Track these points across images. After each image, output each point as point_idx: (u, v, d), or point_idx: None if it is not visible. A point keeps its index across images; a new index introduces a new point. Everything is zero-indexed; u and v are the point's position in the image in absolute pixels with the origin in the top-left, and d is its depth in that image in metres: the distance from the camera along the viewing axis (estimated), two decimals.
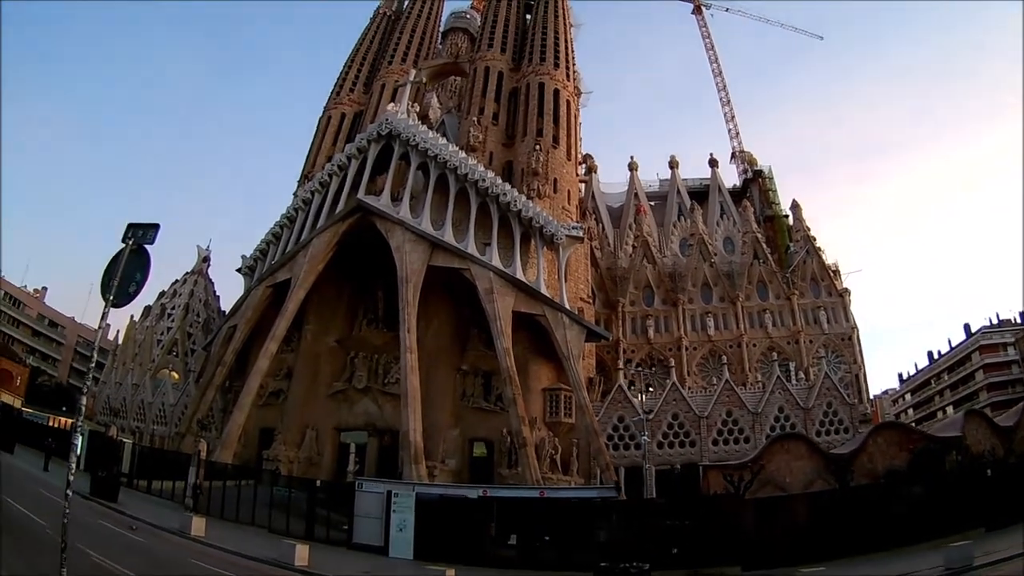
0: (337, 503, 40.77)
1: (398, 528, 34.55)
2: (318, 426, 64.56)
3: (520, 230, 63.12)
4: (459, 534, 34.47)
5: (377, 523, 35.53)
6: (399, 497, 35.19)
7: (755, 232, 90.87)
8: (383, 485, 37.88)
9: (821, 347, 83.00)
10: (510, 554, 33.96)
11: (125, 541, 27.10)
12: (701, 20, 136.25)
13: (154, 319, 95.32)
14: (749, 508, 33.29)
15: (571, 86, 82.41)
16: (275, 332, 62.92)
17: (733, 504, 33.70)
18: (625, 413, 63.54)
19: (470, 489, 39.84)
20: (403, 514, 34.70)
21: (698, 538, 32.32)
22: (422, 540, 33.95)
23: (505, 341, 57.00)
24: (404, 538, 34.29)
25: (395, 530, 34.58)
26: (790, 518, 32.92)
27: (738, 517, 32.57)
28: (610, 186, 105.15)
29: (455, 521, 34.89)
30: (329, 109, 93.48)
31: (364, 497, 36.85)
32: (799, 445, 46.80)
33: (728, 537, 31.56)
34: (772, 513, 33.47)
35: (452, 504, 35.93)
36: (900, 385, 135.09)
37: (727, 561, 29.92)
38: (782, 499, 37.42)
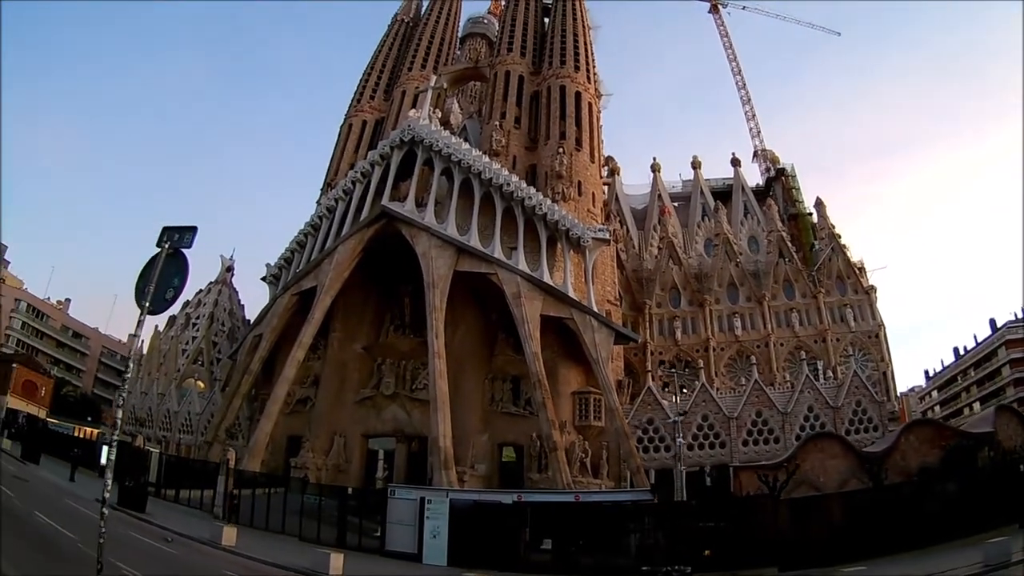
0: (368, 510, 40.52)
1: (432, 535, 34.27)
2: (346, 433, 64.46)
3: (546, 233, 62.67)
4: (493, 540, 34.14)
5: (410, 530, 35.26)
6: (433, 503, 34.92)
7: (780, 231, 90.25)
8: (416, 491, 37.53)
9: (848, 345, 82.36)
10: (545, 559, 33.56)
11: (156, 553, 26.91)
12: (718, 19, 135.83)
13: (179, 329, 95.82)
14: (784, 508, 32.69)
15: (592, 88, 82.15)
16: (302, 339, 62.83)
17: (768, 504, 32.99)
18: (655, 415, 63.22)
19: (504, 494, 39.53)
20: (437, 520, 34.42)
21: (734, 539, 32.10)
22: (456, 546, 33.66)
23: (534, 345, 56.63)
24: (438, 545, 34.00)
25: (429, 537, 34.30)
26: (825, 518, 32.62)
27: (774, 517, 32.13)
28: (632, 188, 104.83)
29: (489, 527, 34.53)
30: (350, 117, 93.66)
31: (397, 504, 36.60)
32: (833, 444, 46.43)
33: (764, 538, 31.34)
34: (807, 513, 33.22)
35: (486, 510, 35.56)
36: (926, 382, 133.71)
37: (764, 562, 29.63)
38: (817, 498, 37.05)
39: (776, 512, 32.46)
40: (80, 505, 33.29)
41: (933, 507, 30.94)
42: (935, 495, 32.30)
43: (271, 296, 75.07)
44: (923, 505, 31.26)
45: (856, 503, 33.79)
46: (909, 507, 31.17)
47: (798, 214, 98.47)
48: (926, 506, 31.12)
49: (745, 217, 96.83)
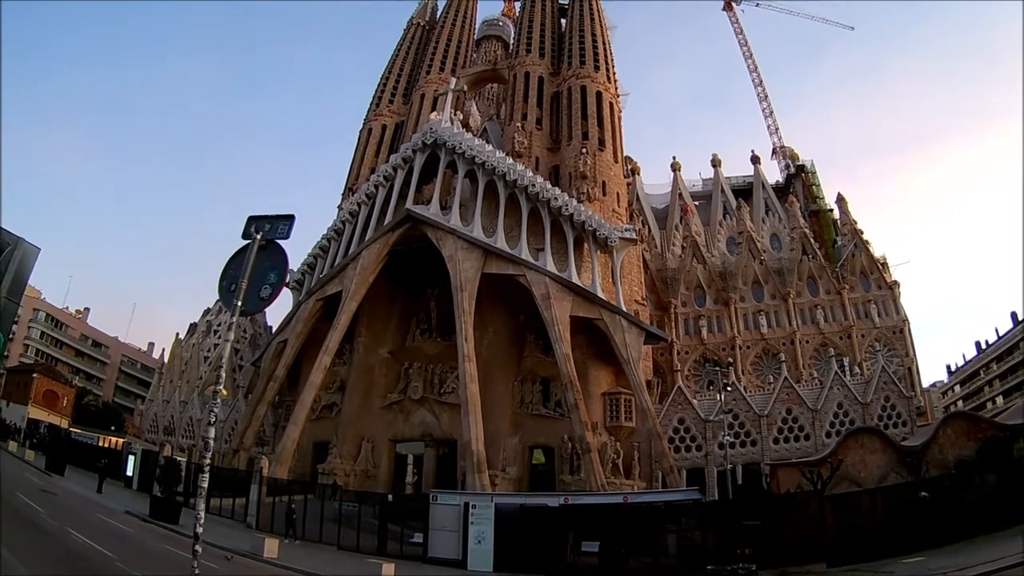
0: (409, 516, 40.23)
1: (476, 540, 33.94)
2: (374, 438, 64.24)
3: (573, 234, 62.41)
4: (539, 544, 33.79)
5: (454, 536, 34.95)
6: (477, 508, 34.59)
7: (803, 228, 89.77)
8: (459, 497, 37.32)
9: (873, 341, 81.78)
10: (592, 562, 33.26)
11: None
12: (732, 16, 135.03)
13: (200, 336, 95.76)
14: (828, 504, 32.78)
15: (612, 88, 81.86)
16: (328, 345, 62.63)
17: (813, 501, 33.11)
18: (685, 415, 62.78)
19: (551, 497, 39.22)
20: (482, 526, 34.09)
21: (781, 536, 31.98)
22: (501, 551, 33.36)
23: (564, 347, 56.34)
24: (483, 550, 33.67)
25: (473, 542, 33.97)
26: (869, 513, 32.52)
27: (819, 514, 32.27)
28: (653, 187, 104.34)
29: (534, 531, 34.18)
30: (369, 121, 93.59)
31: (439, 510, 36.29)
32: (873, 439, 46.03)
33: (810, 534, 31.46)
34: (852, 508, 33.24)
35: (532, 514, 35.19)
36: (948, 377, 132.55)
37: (811, 558, 29.60)
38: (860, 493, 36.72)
39: (821, 508, 32.52)
40: (112, 519, 32.90)
41: (972, 499, 30.96)
42: (974, 487, 32.26)
43: (294, 302, 74.86)
44: (963, 498, 31.23)
45: (899, 497, 33.71)
46: (949, 500, 31.09)
47: (819, 210, 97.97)
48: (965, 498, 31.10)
49: (766, 214, 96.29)
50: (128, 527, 31.20)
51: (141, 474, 54.40)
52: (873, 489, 37.94)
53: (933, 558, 26.85)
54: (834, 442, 58.53)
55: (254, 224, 9.80)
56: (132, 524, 32.70)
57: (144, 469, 54.64)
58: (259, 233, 9.56)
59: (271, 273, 9.42)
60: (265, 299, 9.48)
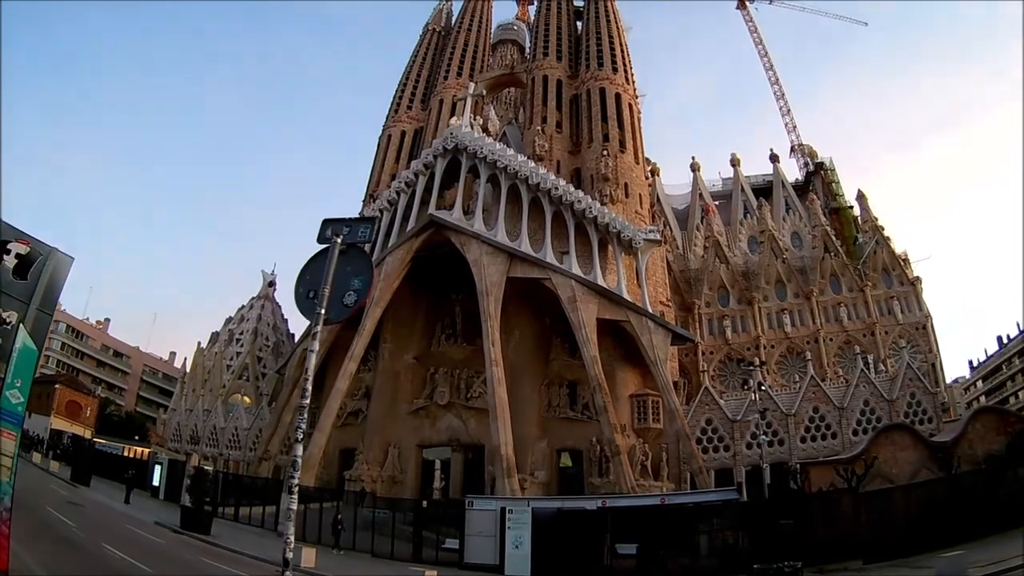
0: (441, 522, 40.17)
1: (514, 545, 33.87)
2: (400, 444, 64.33)
3: (597, 236, 62.35)
4: (576, 547, 33.76)
5: (490, 541, 34.89)
6: (514, 513, 34.54)
7: (824, 225, 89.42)
8: (496, 502, 37.21)
9: (897, 337, 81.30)
10: (630, 564, 33.22)
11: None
12: (746, 15, 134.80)
13: (222, 345, 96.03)
14: (863, 502, 32.88)
15: (631, 89, 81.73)
16: (353, 351, 62.70)
17: (848, 498, 33.29)
18: (713, 415, 62.49)
19: (588, 500, 39.16)
20: (519, 530, 34.02)
21: (816, 534, 32.06)
22: (538, 556, 33.29)
23: (592, 349, 56.25)
24: (521, 555, 33.60)
25: (511, 547, 33.90)
26: (904, 509, 32.68)
27: (854, 511, 32.44)
28: (672, 188, 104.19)
29: (571, 534, 34.14)
30: (388, 127, 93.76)
31: (475, 515, 36.26)
32: (904, 435, 45.88)
33: (845, 532, 31.62)
34: (886, 505, 33.22)
35: (569, 517, 35.16)
36: (970, 372, 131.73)
37: (847, 556, 29.72)
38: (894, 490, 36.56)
39: (856, 505, 32.68)
40: (144, 531, 32.76)
41: (1004, 493, 31.01)
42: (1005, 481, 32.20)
43: None
44: (995, 492, 31.24)
45: (932, 493, 33.82)
46: (982, 495, 31.19)
47: (839, 208, 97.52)
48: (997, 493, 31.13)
49: (787, 213, 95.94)
50: (160, 539, 31.12)
51: (168, 484, 54.54)
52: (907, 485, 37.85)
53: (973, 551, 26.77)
54: (861, 440, 58.43)
55: (330, 227, 9.59)
56: (164, 535, 32.66)
57: (171, 479, 54.77)
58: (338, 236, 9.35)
59: (354, 279, 9.14)
60: (349, 307, 9.21)
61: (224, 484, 52.64)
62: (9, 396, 12.00)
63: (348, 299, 9.24)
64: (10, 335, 11.91)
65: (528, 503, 36.43)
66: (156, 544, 29.03)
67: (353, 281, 9.26)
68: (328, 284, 9.04)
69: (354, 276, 9.30)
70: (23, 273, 12.29)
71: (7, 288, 12.12)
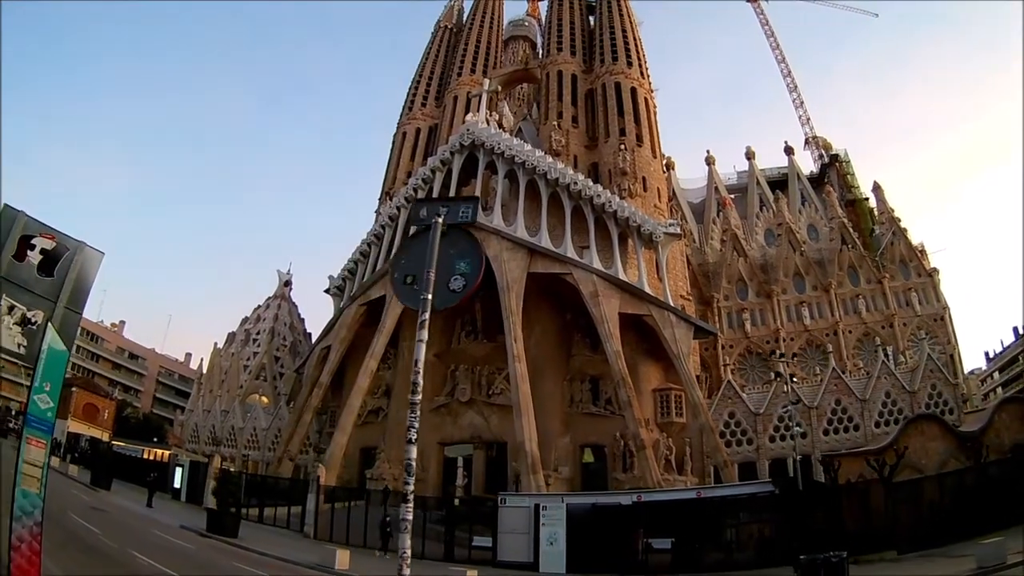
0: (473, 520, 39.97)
1: (548, 542, 33.67)
2: (422, 441, 62.90)
3: (617, 231, 62.12)
4: (611, 543, 33.58)
5: (524, 538, 34.68)
6: (548, 510, 34.34)
7: (841, 217, 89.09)
8: (529, 499, 37.08)
9: (915, 329, 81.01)
10: (665, 559, 33.08)
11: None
12: (758, 7, 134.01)
13: (239, 345, 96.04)
14: (895, 492, 32.88)
15: (646, 83, 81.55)
16: (374, 349, 62.62)
17: (880, 489, 33.27)
18: (736, 409, 62.47)
19: (623, 496, 39.03)
20: (553, 527, 33.83)
21: (850, 525, 32.22)
22: (573, 552, 33.12)
23: (615, 344, 56.05)
24: (555, 552, 33.41)
25: (545, 544, 33.70)
26: (934, 498, 32.66)
27: (886, 501, 32.44)
28: (686, 182, 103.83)
29: (606, 530, 33.95)
30: (403, 125, 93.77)
31: (508, 512, 36.09)
32: (932, 426, 45.83)
33: (878, 522, 31.66)
34: (916, 495, 33.29)
35: (603, 513, 34.98)
36: (987, 364, 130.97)
37: (881, 546, 29.73)
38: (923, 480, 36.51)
39: (888, 496, 32.64)
40: (171, 536, 32.41)
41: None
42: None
43: (335, 308, 75.11)
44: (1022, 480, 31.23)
45: (962, 482, 33.76)
46: (1011, 483, 31.08)
47: (855, 199, 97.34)
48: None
49: (803, 205, 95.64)
50: (189, 544, 30.71)
51: (189, 486, 54.34)
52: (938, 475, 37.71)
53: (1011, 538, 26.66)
54: (883, 431, 59.01)
55: (423, 208, 9.04)
56: (191, 540, 32.28)
57: (192, 481, 54.56)
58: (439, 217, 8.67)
59: (459, 262, 8.65)
60: (458, 292, 8.64)
61: (248, 485, 52.36)
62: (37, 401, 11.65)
63: (455, 283, 8.85)
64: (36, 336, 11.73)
65: (562, 499, 36.30)
66: (185, 549, 28.71)
67: (458, 264, 8.88)
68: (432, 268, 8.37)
69: (459, 259, 8.78)
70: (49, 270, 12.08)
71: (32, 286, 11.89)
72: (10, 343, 11.56)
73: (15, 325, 11.57)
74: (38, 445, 11.48)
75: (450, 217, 8.07)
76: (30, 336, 11.60)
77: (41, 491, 11.34)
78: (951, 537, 28.54)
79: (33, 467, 11.26)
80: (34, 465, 11.29)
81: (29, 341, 11.59)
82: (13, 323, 11.56)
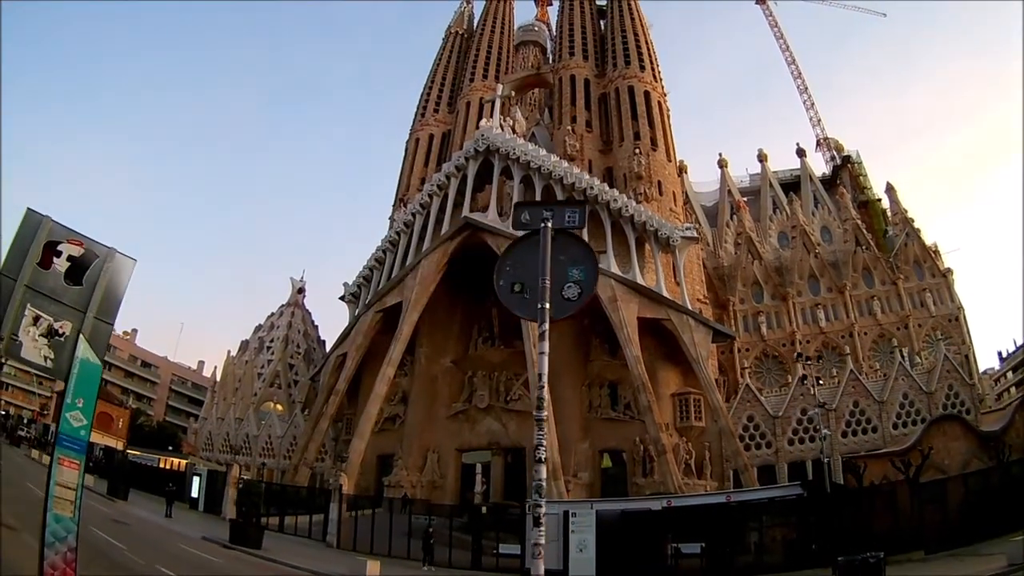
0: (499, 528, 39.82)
1: (578, 549, 33.41)
2: (439, 448, 64.28)
3: (634, 235, 62.07)
4: (640, 549, 33.42)
5: (553, 545, 34.26)
6: (578, 516, 34.08)
7: (855, 219, 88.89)
8: (558, 505, 36.88)
9: (930, 330, 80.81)
10: (695, 564, 32.93)
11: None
12: (767, 10, 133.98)
13: (252, 353, 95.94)
14: (921, 492, 32.77)
15: (659, 87, 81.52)
16: (391, 356, 62.74)
17: (905, 490, 33.25)
18: (754, 412, 62.26)
19: (652, 501, 38.82)
20: (583, 534, 33.60)
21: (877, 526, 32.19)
22: (602, 558, 32.95)
23: (634, 349, 56.01)
24: (585, 558, 33.16)
25: (575, 551, 33.44)
26: (960, 498, 32.55)
27: (912, 502, 32.37)
28: (698, 185, 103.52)
29: (635, 536, 33.76)
30: (416, 131, 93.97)
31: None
32: (955, 426, 46.15)
33: (905, 523, 31.71)
34: (942, 495, 33.19)
35: (633, 518, 34.85)
36: (1000, 364, 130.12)
37: (908, 547, 29.48)
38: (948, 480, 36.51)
39: (915, 496, 32.52)
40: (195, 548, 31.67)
41: None
42: None
43: (351, 315, 75.23)
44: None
45: (988, 482, 33.80)
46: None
47: (867, 201, 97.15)
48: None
49: (816, 207, 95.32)
50: (215, 556, 29.92)
51: (207, 495, 54.07)
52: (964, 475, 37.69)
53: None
54: (901, 433, 59.04)
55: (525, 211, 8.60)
56: (216, 552, 31.50)
57: (210, 490, 54.25)
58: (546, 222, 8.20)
59: (572, 269, 8.11)
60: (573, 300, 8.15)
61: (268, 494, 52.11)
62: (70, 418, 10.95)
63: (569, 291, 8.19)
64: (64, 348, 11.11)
65: (591, 505, 36.00)
66: (213, 563, 27.92)
67: (571, 271, 8.22)
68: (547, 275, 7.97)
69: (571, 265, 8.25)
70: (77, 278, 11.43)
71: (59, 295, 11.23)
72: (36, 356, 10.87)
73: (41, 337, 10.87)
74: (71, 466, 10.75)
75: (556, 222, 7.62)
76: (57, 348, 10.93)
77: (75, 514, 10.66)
78: (978, 536, 28.58)
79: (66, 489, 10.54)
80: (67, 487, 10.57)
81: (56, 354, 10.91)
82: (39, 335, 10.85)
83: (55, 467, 10.48)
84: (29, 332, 10.68)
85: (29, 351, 10.73)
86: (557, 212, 8.26)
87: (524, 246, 7.75)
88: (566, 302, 7.90)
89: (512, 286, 8.06)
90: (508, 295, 8.03)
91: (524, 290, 7.89)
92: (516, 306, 8.04)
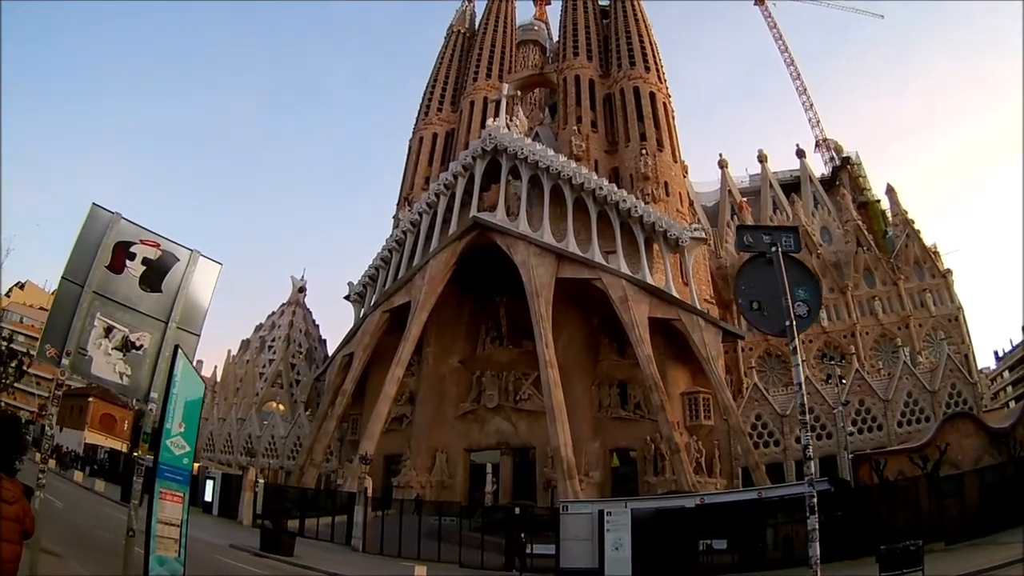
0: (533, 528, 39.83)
1: (614, 547, 33.60)
2: (448, 448, 64.33)
3: (643, 235, 62.29)
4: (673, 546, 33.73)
5: (587, 545, 34.56)
6: (613, 515, 34.28)
7: (855, 220, 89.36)
8: (591, 505, 37.24)
9: (931, 330, 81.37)
10: (727, 560, 33.29)
11: None
12: (765, 11, 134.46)
13: (254, 352, 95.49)
14: (939, 486, 33.90)
15: (664, 88, 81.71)
16: (400, 356, 62.71)
17: (924, 484, 34.23)
18: (762, 410, 62.68)
19: (686, 498, 39.31)
20: (618, 533, 33.79)
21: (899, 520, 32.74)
22: (637, 556, 33.20)
23: (646, 348, 56.18)
24: (621, 557, 33.36)
25: (611, 550, 33.62)
26: (977, 492, 33.66)
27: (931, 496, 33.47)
28: (698, 185, 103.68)
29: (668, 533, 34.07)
30: (419, 130, 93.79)
31: (571, 519, 36.01)
32: (967, 423, 46.58)
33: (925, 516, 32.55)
34: (959, 489, 34.13)
35: (667, 516, 35.22)
36: (996, 363, 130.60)
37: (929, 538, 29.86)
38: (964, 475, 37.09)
39: (934, 490, 33.56)
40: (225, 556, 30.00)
41: None
42: None
43: (356, 315, 75.07)
44: None
45: (1003, 476, 34.78)
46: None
47: (867, 202, 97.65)
48: None
49: (815, 208, 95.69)
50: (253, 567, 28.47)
51: (222, 499, 52.68)
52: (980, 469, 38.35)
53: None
54: (905, 431, 60.18)
55: (746, 234, 9.18)
56: (249, 561, 30.46)
57: (225, 494, 53.29)
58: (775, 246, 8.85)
59: (798, 289, 8.71)
60: (804, 317, 8.73)
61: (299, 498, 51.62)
62: (171, 446, 9.73)
63: (799, 309, 8.82)
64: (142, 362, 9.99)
65: (626, 504, 36.31)
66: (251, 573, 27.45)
67: (798, 291, 8.87)
68: (787, 295, 8.63)
69: (797, 286, 8.89)
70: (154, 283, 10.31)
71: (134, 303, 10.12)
72: (109, 372, 9.68)
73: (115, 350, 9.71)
74: (174, 500, 9.69)
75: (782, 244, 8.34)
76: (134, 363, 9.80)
77: (180, 553, 9.59)
78: (995, 527, 29.65)
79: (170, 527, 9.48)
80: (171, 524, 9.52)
81: (134, 369, 9.79)
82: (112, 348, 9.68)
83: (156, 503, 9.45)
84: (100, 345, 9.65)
85: (100, 367, 9.68)
86: (773, 235, 8.86)
87: (752, 267, 8.40)
88: (799, 319, 8.52)
89: (751, 304, 8.64)
90: (749, 312, 8.66)
91: (762, 308, 8.44)
92: (758, 322, 8.77)
